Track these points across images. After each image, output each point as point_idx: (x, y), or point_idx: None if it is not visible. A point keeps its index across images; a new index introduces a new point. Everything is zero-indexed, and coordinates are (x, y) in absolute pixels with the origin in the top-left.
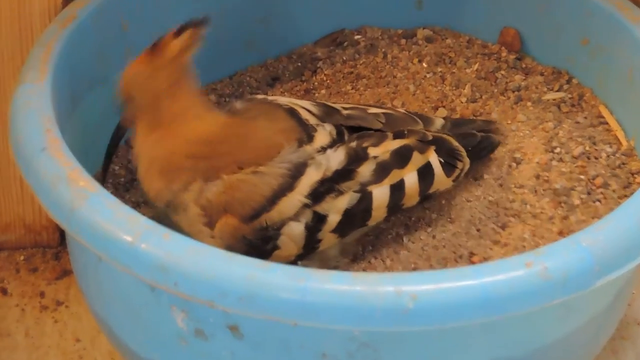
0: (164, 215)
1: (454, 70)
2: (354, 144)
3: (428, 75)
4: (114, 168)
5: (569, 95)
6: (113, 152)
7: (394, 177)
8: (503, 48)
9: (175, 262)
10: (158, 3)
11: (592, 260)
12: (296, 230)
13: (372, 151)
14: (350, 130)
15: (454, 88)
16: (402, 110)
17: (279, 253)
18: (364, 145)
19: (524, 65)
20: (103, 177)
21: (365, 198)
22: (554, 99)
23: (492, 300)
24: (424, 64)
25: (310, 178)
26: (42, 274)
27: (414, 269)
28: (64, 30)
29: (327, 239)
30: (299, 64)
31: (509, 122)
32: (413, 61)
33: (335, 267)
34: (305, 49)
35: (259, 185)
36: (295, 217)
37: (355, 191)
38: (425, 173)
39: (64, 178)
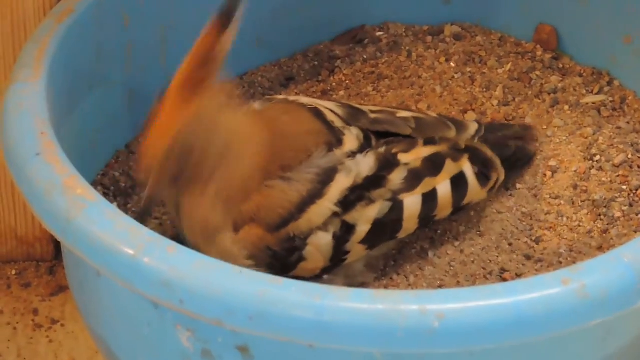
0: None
1: (484, 71)
2: (382, 149)
3: (456, 76)
4: (114, 174)
5: (610, 98)
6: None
7: (426, 185)
8: (538, 46)
9: (180, 278)
10: None
11: (634, 277)
12: (323, 240)
13: (403, 157)
14: (377, 136)
15: (484, 90)
16: (433, 114)
17: (305, 265)
18: (394, 151)
19: (561, 66)
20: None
21: (396, 207)
22: (593, 102)
23: (525, 321)
24: (452, 64)
25: (340, 185)
26: (35, 289)
27: (440, 287)
28: (60, 25)
29: (356, 250)
30: (316, 62)
31: (545, 127)
32: (440, 60)
33: (362, 284)
34: (323, 46)
35: (287, 192)
36: (324, 227)
37: (386, 200)
38: (459, 183)
39: (59, 185)
